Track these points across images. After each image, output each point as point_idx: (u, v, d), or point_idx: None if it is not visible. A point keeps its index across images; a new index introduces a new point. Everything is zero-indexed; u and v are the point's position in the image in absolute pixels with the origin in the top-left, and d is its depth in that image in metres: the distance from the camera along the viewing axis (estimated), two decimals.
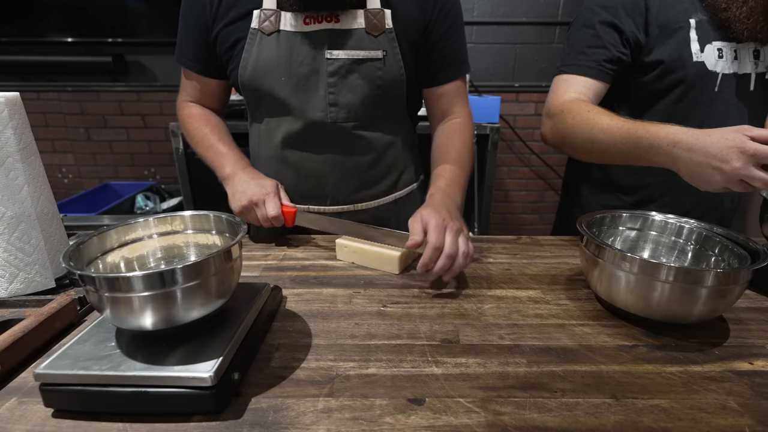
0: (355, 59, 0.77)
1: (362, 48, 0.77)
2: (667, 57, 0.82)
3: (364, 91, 0.79)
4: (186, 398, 0.40)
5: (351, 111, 0.80)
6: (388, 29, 0.77)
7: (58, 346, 0.49)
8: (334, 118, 0.80)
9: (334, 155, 0.84)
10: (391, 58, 0.78)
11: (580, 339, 0.53)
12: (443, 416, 0.40)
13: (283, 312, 0.59)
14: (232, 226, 0.51)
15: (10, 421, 0.40)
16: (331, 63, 0.77)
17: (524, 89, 2.33)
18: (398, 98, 0.85)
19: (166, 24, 2.23)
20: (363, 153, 0.86)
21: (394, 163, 0.90)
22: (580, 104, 0.84)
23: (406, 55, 0.80)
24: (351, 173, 0.87)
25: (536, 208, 2.60)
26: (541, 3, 2.20)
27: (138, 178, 2.56)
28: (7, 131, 0.56)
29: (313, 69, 0.77)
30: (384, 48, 0.77)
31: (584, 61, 0.87)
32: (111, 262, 0.49)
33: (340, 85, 0.78)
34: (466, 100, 0.90)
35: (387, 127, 0.87)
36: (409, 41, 0.79)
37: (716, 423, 0.40)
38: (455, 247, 0.62)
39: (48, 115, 2.44)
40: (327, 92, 0.78)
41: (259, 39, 0.77)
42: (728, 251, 0.57)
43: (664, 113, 0.87)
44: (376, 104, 0.82)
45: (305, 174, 0.86)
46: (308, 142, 0.83)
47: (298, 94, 0.79)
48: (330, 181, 0.86)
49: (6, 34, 2.23)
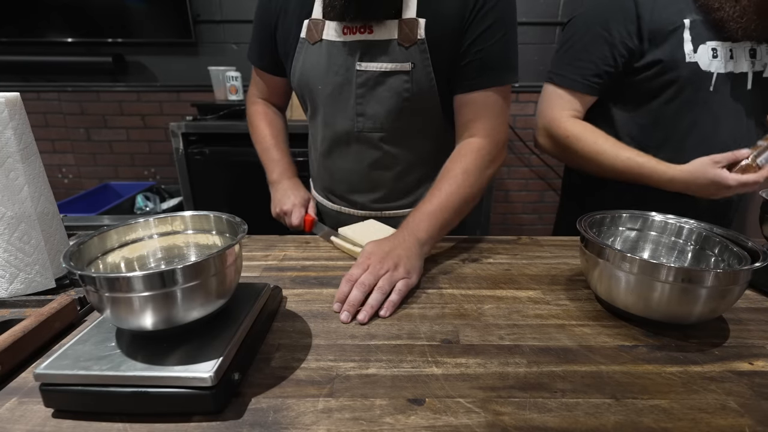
0: (383, 71, 0.76)
1: (391, 60, 0.76)
2: (661, 58, 0.83)
3: (390, 104, 0.78)
4: (186, 398, 0.40)
5: (377, 122, 0.81)
6: (419, 40, 0.74)
7: (58, 346, 0.49)
8: (360, 128, 0.82)
9: (360, 166, 0.86)
10: (421, 70, 0.76)
11: (580, 339, 0.53)
12: (443, 416, 0.40)
13: (283, 312, 0.59)
14: (232, 226, 0.51)
15: (10, 421, 0.40)
16: (360, 74, 0.78)
17: (524, 89, 2.33)
18: (431, 110, 0.81)
19: (166, 24, 2.23)
20: (389, 167, 0.86)
21: (426, 174, 0.87)
22: (585, 131, 0.89)
23: (438, 65, 0.76)
24: (376, 184, 0.88)
25: (536, 208, 2.60)
26: (541, 3, 2.20)
27: (138, 178, 2.57)
28: (7, 131, 0.56)
29: (345, 79, 0.79)
30: (413, 60, 0.75)
31: (572, 74, 0.90)
32: (111, 263, 0.49)
33: (368, 96, 0.79)
34: (493, 115, 0.77)
35: (418, 141, 0.84)
36: (442, 51, 0.75)
37: (716, 423, 0.40)
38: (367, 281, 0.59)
39: (48, 115, 2.44)
40: (355, 102, 0.80)
41: (306, 47, 0.82)
42: (728, 251, 0.57)
43: (658, 111, 0.88)
44: (403, 116, 0.80)
45: (337, 179, 0.91)
46: (339, 150, 0.87)
47: (331, 102, 0.82)
48: (358, 189, 0.90)
49: (6, 34, 2.23)
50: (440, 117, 0.83)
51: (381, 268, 0.61)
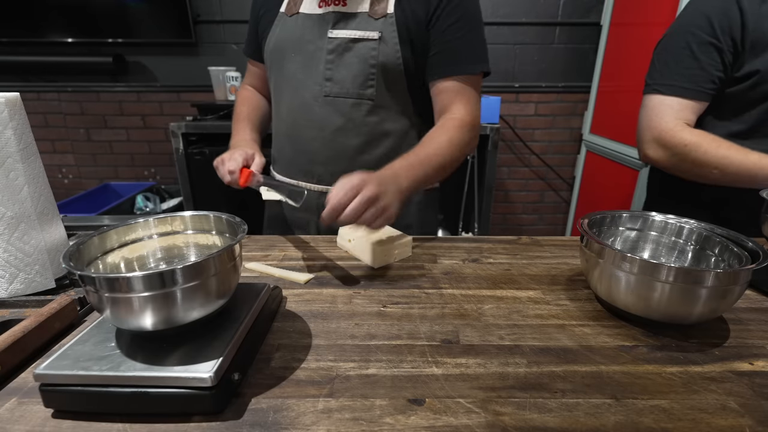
0: (352, 38, 0.82)
1: (360, 29, 0.82)
2: (759, 68, 0.82)
3: (357, 69, 0.83)
4: (186, 398, 0.40)
5: (343, 87, 0.85)
6: (389, 14, 0.81)
7: (58, 347, 0.49)
8: (327, 92, 0.86)
9: (323, 133, 0.88)
10: (389, 41, 0.82)
11: (580, 339, 0.53)
12: (443, 417, 0.40)
13: (283, 312, 0.59)
14: (232, 226, 0.51)
15: (10, 421, 0.40)
16: (332, 41, 0.83)
17: (524, 89, 2.33)
18: (398, 85, 0.86)
19: (166, 24, 2.23)
20: (352, 135, 0.88)
21: (388, 155, 0.89)
22: (705, 138, 0.87)
23: (405, 41, 0.82)
24: (338, 154, 0.89)
25: (536, 208, 2.60)
26: (541, 3, 2.20)
27: (138, 178, 2.57)
28: (7, 131, 0.56)
29: (317, 47, 0.85)
30: (381, 30, 0.81)
31: (684, 82, 0.89)
32: (111, 263, 0.49)
33: (337, 62, 0.84)
34: (469, 101, 0.86)
35: (381, 117, 0.88)
36: (409, 29, 0.82)
37: (716, 423, 0.40)
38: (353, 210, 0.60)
39: (48, 115, 2.44)
40: (325, 68, 0.85)
41: (283, 20, 0.88)
42: (728, 251, 0.57)
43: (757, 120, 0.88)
44: (369, 84, 0.84)
45: (299, 149, 0.92)
46: (303, 117, 0.89)
47: (303, 70, 0.87)
48: (319, 159, 0.90)
49: (6, 34, 2.23)
50: (407, 96, 0.88)
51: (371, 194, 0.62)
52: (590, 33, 2.23)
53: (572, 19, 2.22)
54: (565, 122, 2.41)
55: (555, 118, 2.40)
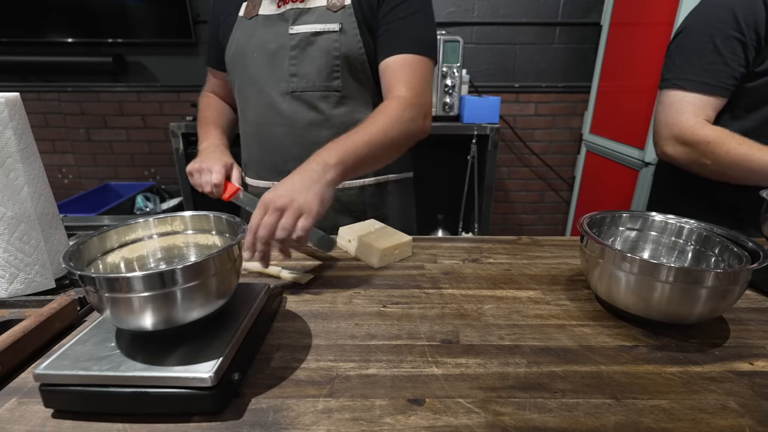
0: (314, 32, 0.83)
1: (320, 22, 0.83)
2: None
3: (321, 62, 0.84)
4: (186, 398, 0.40)
5: (309, 81, 0.86)
6: (347, 5, 0.83)
7: (58, 347, 0.49)
8: (294, 88, 0.86)
9: (294, 129, 0.89)
10: (349, 32, 0.83)
11: (580, 339, 0.53)
12: (443, 417, 0.40)
13: (283, 312, 0.59)
14: (232, 226, 0.51)
15: (10, 421, 0.40)
16: (293, 37, 0.84)
17: (524, 89, 2.33)
18: (362, 75, 0.87)
19: (166, 24, 2.23)
20: (323, 128, 0.88)
21: None
22: (727, 135, 0.86)
23: (364, 31, 0.84)
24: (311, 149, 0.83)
25: (536, 208, 2.60)
26: (541, 3, 2.20)
27: (138, 178, 2.57)
28: (7, 132, 0.56)
29: (279, 45, 0.85)
30: (340, 22, 0.83)
31: (707, 78, 0.87)
32: (111, 263, 0.49)
33: (300, 57, 0.85)
34: (412, 79, 0.82)
35: (350, 107, 0.89)
36: (366, 17, 0.84)
37: (716, 423, 0.40)
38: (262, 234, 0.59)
39: (48, 115, 2.44)
40: (289, 64, 0.85)
41: (242, 24, 0.89)
42: (728, 251, 0.57)
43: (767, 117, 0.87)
44: (334, 76, 0.85)
45: (270, 148, 0.92)
46: (271, 116, 0.89)
47: (266, 68, 0.87)
48: (291, 156, 0.89)
49: (6, 34, 2.23)
50: (371, 84, 0.89)
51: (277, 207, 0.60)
52: (590, 33, 2.23)
53: (572, 19, 2.22)
54: (565, 122, 2.41)
55: (555, 118, 2.40)
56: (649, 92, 1.72)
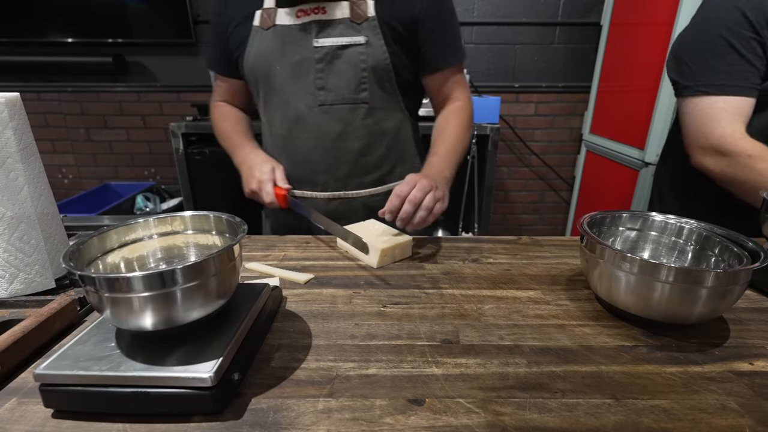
0: (339, 45, 0.83)
1: (345, 35, 0.83)
2: None
3: (349, 75, 0.85)
4: (186, 398, 0.40)
5: (338, 94, 0.86)
6: (370, 17, 0.83)
7: (58, 347, 0.49)
8: (322, 101, 0.86)
9: (323, 141, 0.89)
10: (375, 44, 0.84)
11: (580, 339, 0.53)
12: (443, 417, 0.40)
13: (283, 312, 0.59)
14: (232, 226, 0.51)
15: (10, 421, 0.40)
16: (318, 50, 0.84)
17: (524, 89, 2.33)
18: (388, 85, 0.88)
19: (166, 24, 2.23)
20: (351, 139, 0.89)
21: (387, 154, 0.92)
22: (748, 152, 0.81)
23: (390, 42, 0.84)
24: (340, 160, 0.90)
25: (536, 208, 2.60)
26: (541, 3, 2.20)
27: (138, 178, 2.57)
28: (7, 132, 0.56)
29: (303, 57, 0.85)
30: (366, 34, 0.83)
31: (734, 80, 0.83)
32: (111, 263, 0.49)
33: (327, 70, 0.85)
34: (464, 86, 0.94)
35: (377, 117, 0.89)
36: (392, 29, 0.84)
37: (716, 423, 0.40)
38: (418, 196, 0.70)
39: (48, 115, 2.44)
40: (315, 77, 0.85)
41: (259, 34, 0.86)
42: (728, 251, 0.57)
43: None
44: (362, 88, 0.86)
45: (298, 160, 0.92)
46: (300, 128, 0.89)
47: (291, 81, 0.86)
48: (320, 167, 0.90)
49: (6, 34, 2.23)
50: (398, 94, 0.91)
51: (428, 186, 0.73)
52: (590, 33, 2.23)
53: (572, 19, 2.22)
54: (565, 122, 2.41)
55: (555, 118, 2.40)
56: (649, 92, 1.72)
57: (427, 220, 0.72)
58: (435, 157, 0.85)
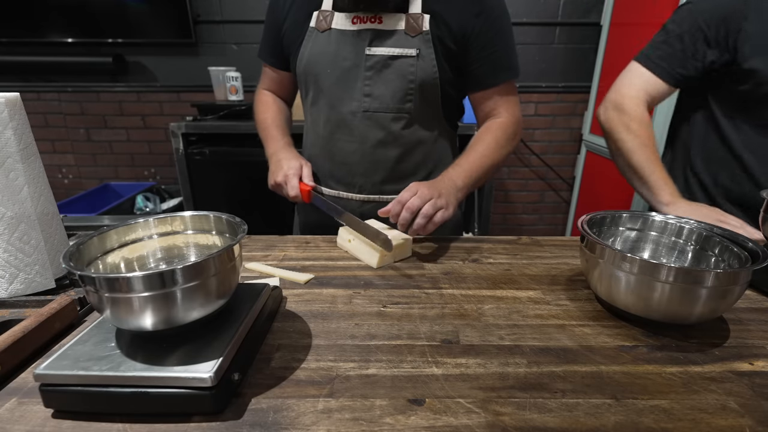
0: (391, 56, 0.84)
1: (398, 46, 0.84)
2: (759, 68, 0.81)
3: (396, 85, 0.85)
4: (186, 398, 0.40)
5: (383, 103, 0.87)
6: (425, 31, 0.83)
7: (58, 347, 0.49)
8: (367, 107, 0.87)
9: (363, 146, 0.90)
10: (426, 58, 0.84)
11: (580, 339, 0.53)
12: (443, 417, 0.40)
13: (283, 312, 0.59)
14: (232, 226, 0.51)
15: (10, 421, 0.40)
16: (370, 58, 0.85)
17: (524, 89, 2.33)
18: (432, 98, 0.88)
19: (166, 24, 2.23)
20: (391, 147, 0.90)
21: (424, 161, 0.94)
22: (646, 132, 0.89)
23: (440, 57, 0.84)
24: (378, 165, 0.92)
25: (536, 208, 2.60)
26: (541, 3, 2.20)
27: (138, 178, 2.57)
28: (7, 132, 0.56)
29: (354, 63, 0.86)
30: (418, 47, 0.83)
31: (660, 59, 0.90)
32: (111, 263, 0.49)
33: (375, 78, 0.86)
34: (511, 104, 0.92)
35: (418, 126, 0.90)
36: (444, 45, 0.84)
37: (716, 423, 0.40)
38: (415, 204, 0.71)
39: (48, 115, 2.44)
40: (363, 84, 0.86)
41: (314, 36, 0.88)
42: (728, 251, 0.57)
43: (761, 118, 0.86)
44: (407, 99, 0.86)
45: (338, 161, 0.93)
46: (343, 131, 0.91)
47: (339, 85, 0.88)
48: (359, 170, 0.92)
49: (6, 34, 2.23)
50: (439, 106, 0.91)
51: (428, 195, 0.73)
52: (590, 33, 2.23)
53: (572, 19, 2.22)
54: (565, 122, 2.41)
55: (555, 118, 2.40)
56: None
57: (426, 228, 0.73)
58: (453, 168, 0.85)
